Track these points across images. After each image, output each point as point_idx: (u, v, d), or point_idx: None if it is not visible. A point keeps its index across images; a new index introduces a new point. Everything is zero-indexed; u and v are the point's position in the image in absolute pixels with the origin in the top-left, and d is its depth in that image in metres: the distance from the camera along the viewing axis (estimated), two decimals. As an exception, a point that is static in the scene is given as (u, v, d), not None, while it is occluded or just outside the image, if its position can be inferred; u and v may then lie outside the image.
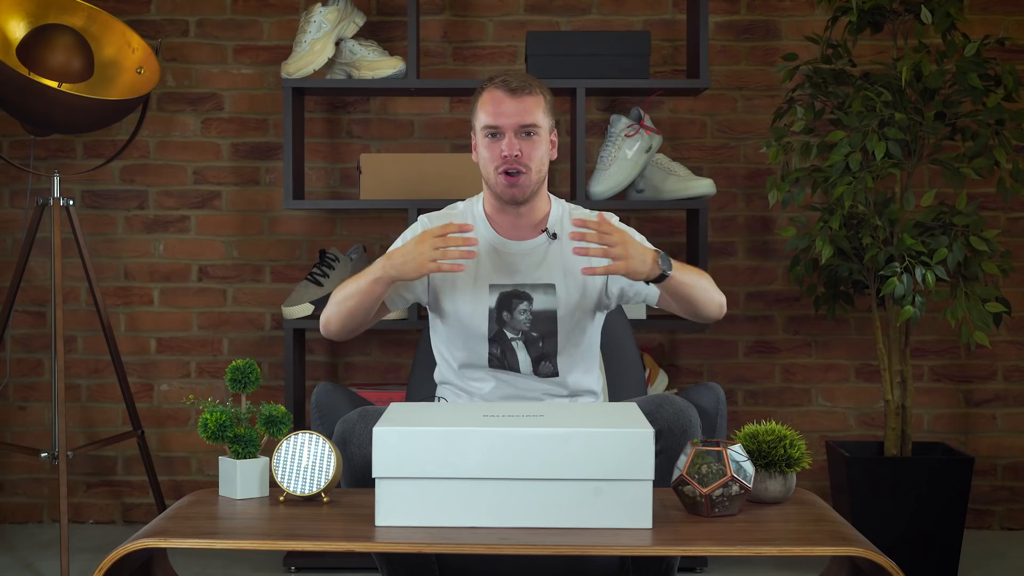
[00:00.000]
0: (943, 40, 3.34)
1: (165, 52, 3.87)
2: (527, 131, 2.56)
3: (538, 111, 2.58)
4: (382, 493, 1.97)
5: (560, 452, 1.95)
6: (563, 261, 2.64)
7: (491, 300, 2.62)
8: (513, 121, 2.55)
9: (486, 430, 1.96)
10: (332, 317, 2.60)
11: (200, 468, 3.96)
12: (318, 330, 3.86)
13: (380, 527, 1.96)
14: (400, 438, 1.96)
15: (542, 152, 2.59)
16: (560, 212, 2.70)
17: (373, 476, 1.98)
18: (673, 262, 2.48)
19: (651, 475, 1.95)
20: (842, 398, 3.91)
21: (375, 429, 1.97)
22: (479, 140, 2.61)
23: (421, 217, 2.73)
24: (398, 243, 2.67)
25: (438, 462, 1.96)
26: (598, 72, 3.52)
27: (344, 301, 2.57)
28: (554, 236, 2.66)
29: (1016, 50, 3.83)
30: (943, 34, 3.33)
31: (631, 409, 2.15)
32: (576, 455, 1.95)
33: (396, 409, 2.14)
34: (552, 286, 2.62)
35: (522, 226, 2.66)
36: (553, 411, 2.14)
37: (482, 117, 2.59)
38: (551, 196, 2.73)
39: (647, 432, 1.95)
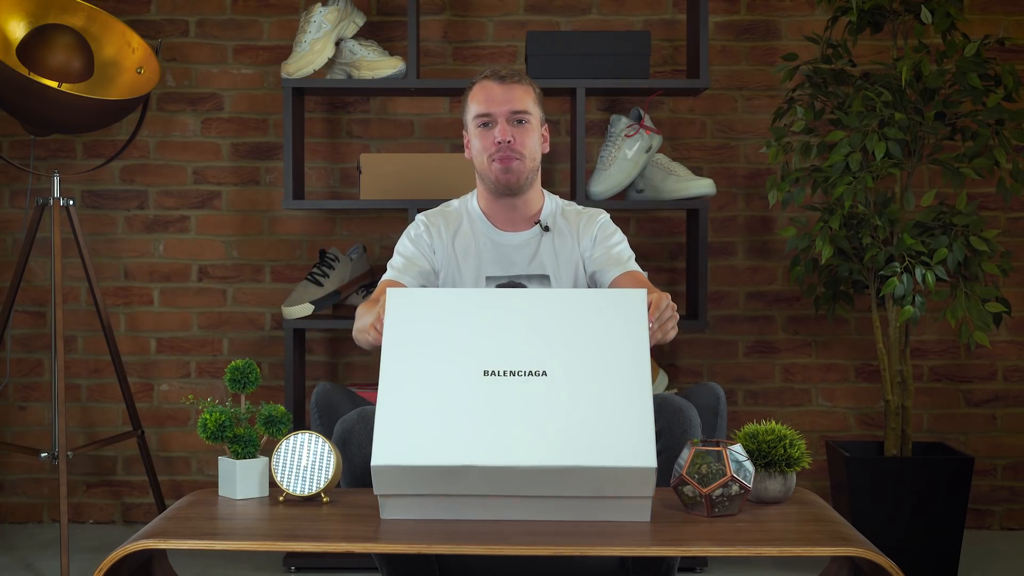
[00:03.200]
0: (943, 40, 3.34)
1: (165, 52, 3.87)
2: (519, 118, 2.63)
3: (528, 99, 2.65)
4: (385, 500, 1.98)
5: (559, 482, 1.94)
6: (556, 253, 2.72)
7: None
8: (504, 108, 2.62)
9: (485, 467, 1.93)
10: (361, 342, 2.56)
11: (200, 468, 3.96)
12: (318, 330, 3.86)
13: (382, 524, 1.96)
14: (399, 472, 1.94)
15: (534, 140, 2.68)
16: (553, 207, 2.79)
17: (375, 494, 1.97)
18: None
19: (651, 492, 1.95)
20: (842, 398, 3.91)
21: (373, 466, 1.94)
22: (471, 131, 2.69)
23: (418, 216, 2.79)
24: (400, 245, 2.75)
25: (438, 488, 1.96)
26: (598, 72, 3.52)
27: (360, 333, 2.52)
28: (547, 228, 2.74)
29: (1016, 50, 3.83)
30: (943, 34, 3.33)
31: (639, 388, 2.04)
32: (576, 484, 1.94)
33: (388, 367, 2.04)
34: (547, 276, 2.70)
35: (516, 219, 2.74)
36: (557, 373, 2.04)
37: (473, 108, 2.66)
38: (545, 192, 2.81)
39: (648, 469, 1.92)
